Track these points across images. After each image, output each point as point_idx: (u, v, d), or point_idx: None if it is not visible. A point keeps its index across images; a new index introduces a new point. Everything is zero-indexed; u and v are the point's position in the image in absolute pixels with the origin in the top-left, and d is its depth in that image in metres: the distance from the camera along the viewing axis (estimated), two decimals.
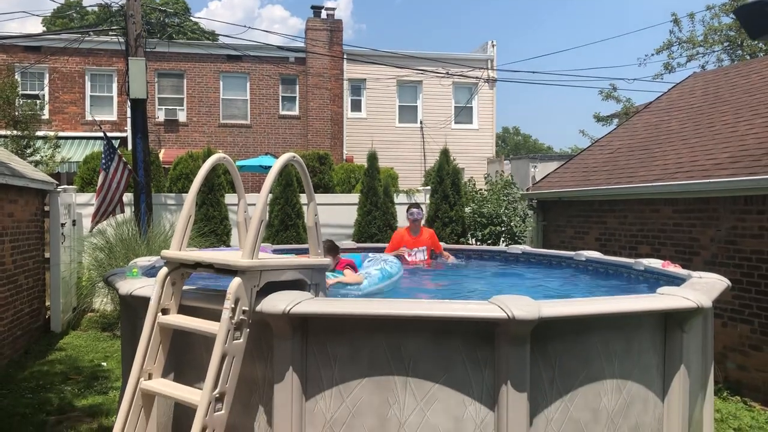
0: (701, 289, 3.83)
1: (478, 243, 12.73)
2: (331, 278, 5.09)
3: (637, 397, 3.45)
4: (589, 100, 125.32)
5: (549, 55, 64.29)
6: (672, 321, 3.54)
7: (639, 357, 3.47)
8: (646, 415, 3.49)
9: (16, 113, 14.90)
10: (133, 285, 3.78)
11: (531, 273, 6.64)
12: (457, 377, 3.13)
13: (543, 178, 12.31)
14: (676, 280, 4.50)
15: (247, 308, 3.10)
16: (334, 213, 12.19)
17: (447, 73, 22.65)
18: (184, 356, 3.60)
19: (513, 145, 60.92)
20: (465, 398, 3.12)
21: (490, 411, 3.13)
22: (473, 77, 23.82)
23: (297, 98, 23.69)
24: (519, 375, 3.07)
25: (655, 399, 3.53)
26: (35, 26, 51.69)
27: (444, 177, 12.63)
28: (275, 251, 5.71)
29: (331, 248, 5.55)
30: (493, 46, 25.06)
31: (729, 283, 4.35)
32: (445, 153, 12.96)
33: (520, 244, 11.92)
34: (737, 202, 7.16)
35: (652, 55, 23.94)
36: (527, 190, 12.49)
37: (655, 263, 5.33)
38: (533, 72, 30.54)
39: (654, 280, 5.04)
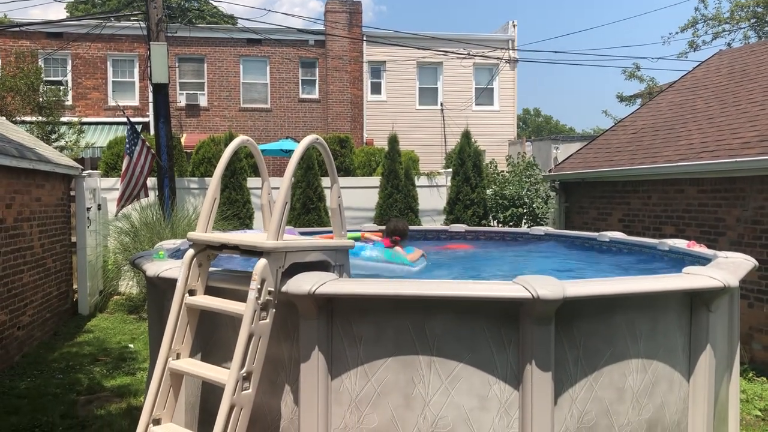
0: (727, 268, 3.79)
1: (500, 225, 12.70)
2: (412, 254, 5.27)
3: (663, 376, 3.44)
4: (612, 80, 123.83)
5: (571, 34, 63.45)
6: (698, 300, 3.52)
7: (664, 337, 3.45)
8: (672, 394, 3.48)
9: (41, 99, 15.10)
10: (160, 267, 3.82)
11: (554, 254, 6.61)
12: (482, 357, 3.14)
13: (565, 159, 12.22)
14: (702, 260, 4.46)
15: (272, 289, 3.13)
16: (355, 196, 12.22)
17: (468, 54, 22.47)
18: (212, 336, 3.65)
19: (534, 127, 60.39)
20: (489, 377, 3.14)
21: (514, 390, 3.14)
22: (494, 58, 23.61)
23: (317, 81, 23.68)
24: (543, 354, 3.07)
25: (680, 379, 3.52)
26: (58, 12, 52.09)
27: (465, 159, 12.59)
28: (302, 234, 5.72)
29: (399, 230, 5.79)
30: (514, 26, 24.80)
31: (756, 262, 4.30)
32: (466, 135, 12.90)
33: (542, 225, 11.87)
34: (765, 181, 7.05)
35: (677, 33, 23.68)
36: (549, 171, 12.40)
37: (680, 243, 5.27)
38: (555, 52, 30.15)
39: (679, 260, 4.99)
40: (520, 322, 3.10)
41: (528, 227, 11.11)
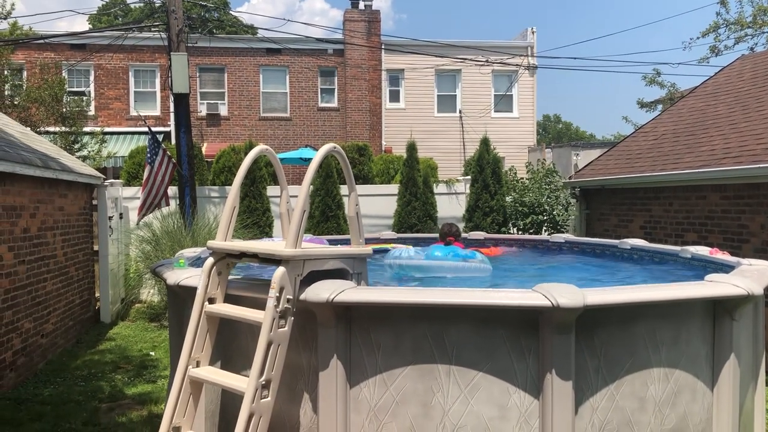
0: (752, 276, 3.74)
1: (520, 232, 12.62)
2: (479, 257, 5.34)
3: (685, 386, 3.39)
4: (632, 86, 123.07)
5: (591, 40, 63.13)
6: (721, 309, 3.47)
7: (687, 345, 3.40)
8: (695, 404, 3.43)
9: (64, 110, 15.31)
10: (180, 275, 3.85)
11: (574, 262, 6.56)
12: (501, 365, 3.12)
13: (585, 165, 12.13)
14: (725, 268, 4.40)
15: (291, 297, 3.14)
16: (373, 204, 12.22)
17: (486, 62, 22.42)
18: (231, 344, 3.67)
19: (554, 133, 60.09)
20: (509, 386, 3.11)
21: (534, 399, 3.11)
22: (513, 65, 23.53)
23: (336, 90, 23.76)
24: (564, 363, 3.04)
25: (703, 388, 3.47)
26: (82, 25, 52.97)
27: (484, 166, 12.54)
28: (331, 242, 5.71)
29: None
30: (533, 32, 24.71)
31: None
32: (485, 142, 12.85)
33: (562, 233, 11.78)
34: None
35: (698, 38, 23.42)
36: (570, 178, 12.32)
37: (702, 250, 5.21)
38: (574, 58, 30.08)
39: (702, 268, 4.93)
40: (540, 330, 3.08)
41: (548, 234, 11.04)
